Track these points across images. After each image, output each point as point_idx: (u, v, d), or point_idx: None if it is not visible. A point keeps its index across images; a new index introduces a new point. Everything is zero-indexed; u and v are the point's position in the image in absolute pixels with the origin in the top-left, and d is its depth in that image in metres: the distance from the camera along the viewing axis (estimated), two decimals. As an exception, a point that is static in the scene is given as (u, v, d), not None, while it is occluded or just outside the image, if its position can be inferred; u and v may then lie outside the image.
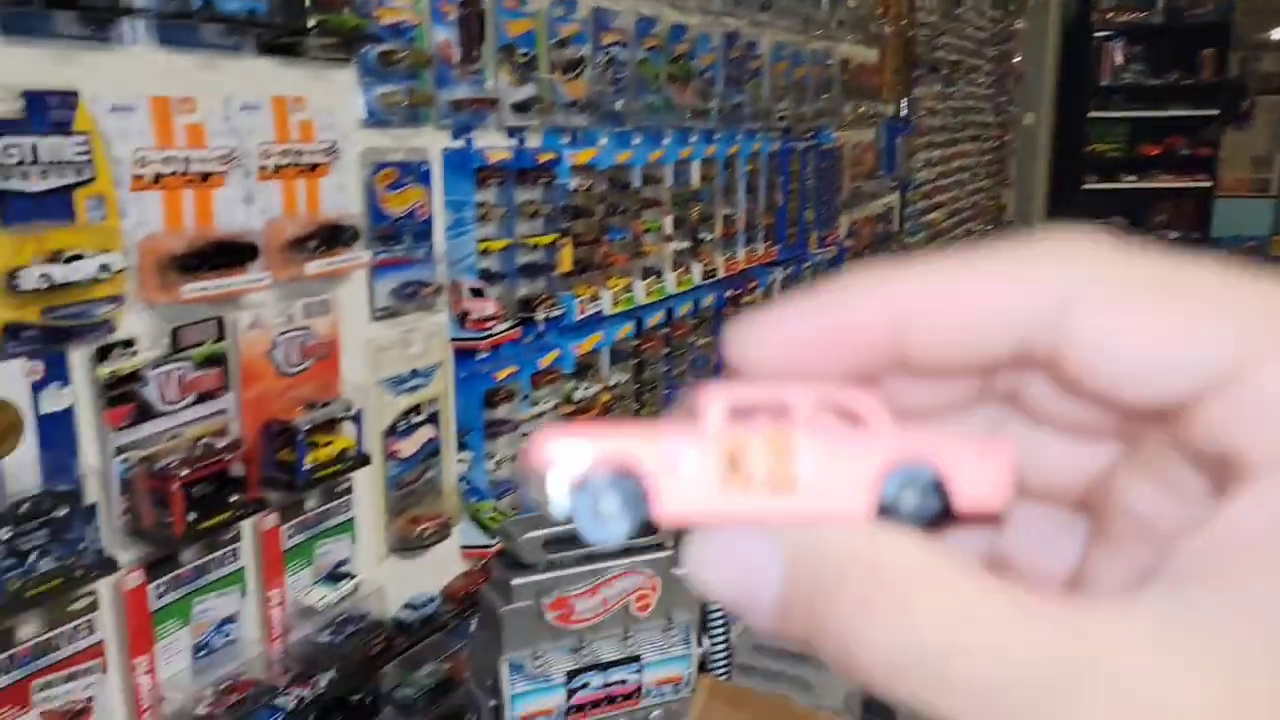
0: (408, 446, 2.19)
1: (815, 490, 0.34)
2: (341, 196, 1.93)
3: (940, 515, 0.35)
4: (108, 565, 1.49)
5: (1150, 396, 0.30)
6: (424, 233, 2.14)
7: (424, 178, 2.13)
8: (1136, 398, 0.30)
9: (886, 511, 0.34)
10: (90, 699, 1.53)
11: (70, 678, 1.50)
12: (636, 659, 1.78)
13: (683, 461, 0.34)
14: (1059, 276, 0.31)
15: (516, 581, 1.69)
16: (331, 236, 1.86)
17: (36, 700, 1.45)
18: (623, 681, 1.77)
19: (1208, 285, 0.29)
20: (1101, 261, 0.30)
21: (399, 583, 2.14)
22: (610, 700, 1.77)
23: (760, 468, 0.34)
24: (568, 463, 0.34)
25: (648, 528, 0.34)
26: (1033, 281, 0.31)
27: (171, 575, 1.65)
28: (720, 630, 2.15)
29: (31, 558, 1.34)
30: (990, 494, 0.35)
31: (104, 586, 1.54)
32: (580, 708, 1.75)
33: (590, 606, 1.73)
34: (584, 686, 1.75)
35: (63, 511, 1.41)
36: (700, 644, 1.83)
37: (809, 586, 0.31)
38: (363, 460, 1.96)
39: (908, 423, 0.37)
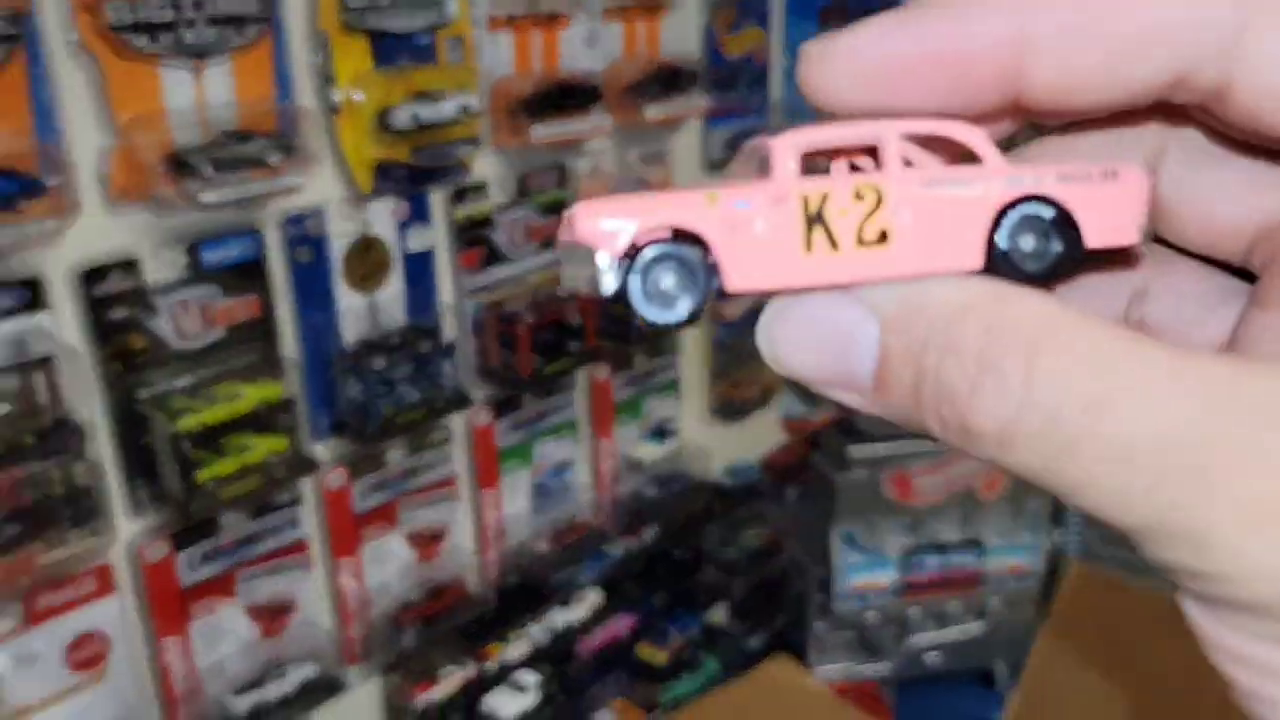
0: (734, 309, 2.14)
1: (915, 243, 0.29)
2: (680, 38, 1.86)
3: (1066, 256, 0.30)
4: (463, 401, 1.53)
5: None
6: (759, 80, 2.04)
7: (762, 19, 2.01)
8: None
9: (1002, 259, 0.29)
10: (445, 525, 1.61)
11: (430, 504, 1.58)
12: (978, 543, 1.67)
13: (753, 223, 0.29)
14: None
15: (854, 450, 1.61)
16: (670, 80, 1.79)
17: (402, 520, 1.54)
18: (962, 565, 1.67)
19: None
20: None
21: (721, 446, 2.12)
22: (947, 584, 1.68)
23: (847, 222, 0.29)
24: (616, 234, 0.29)
25: (717, 303, 0.29)
26: None
27: (515, 416, 1.70)
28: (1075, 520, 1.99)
29: (400, 388, 1.40)
30: (1123, 226, 0.30)
31: (458, 421, 1.60)
32: (914, 586, 1.67)
33: (932, 485, 1.63)
34: (920, 566, 1.66)
35: (426, 346, 1.45)
36: (1052, 535, 1.70)
37: (913, 349, 0.27)
38: (693, 317, 1.92)
39: (1019, 158, 0.32)
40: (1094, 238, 0.30)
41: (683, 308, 0.30)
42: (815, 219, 0.29)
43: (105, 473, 1.20)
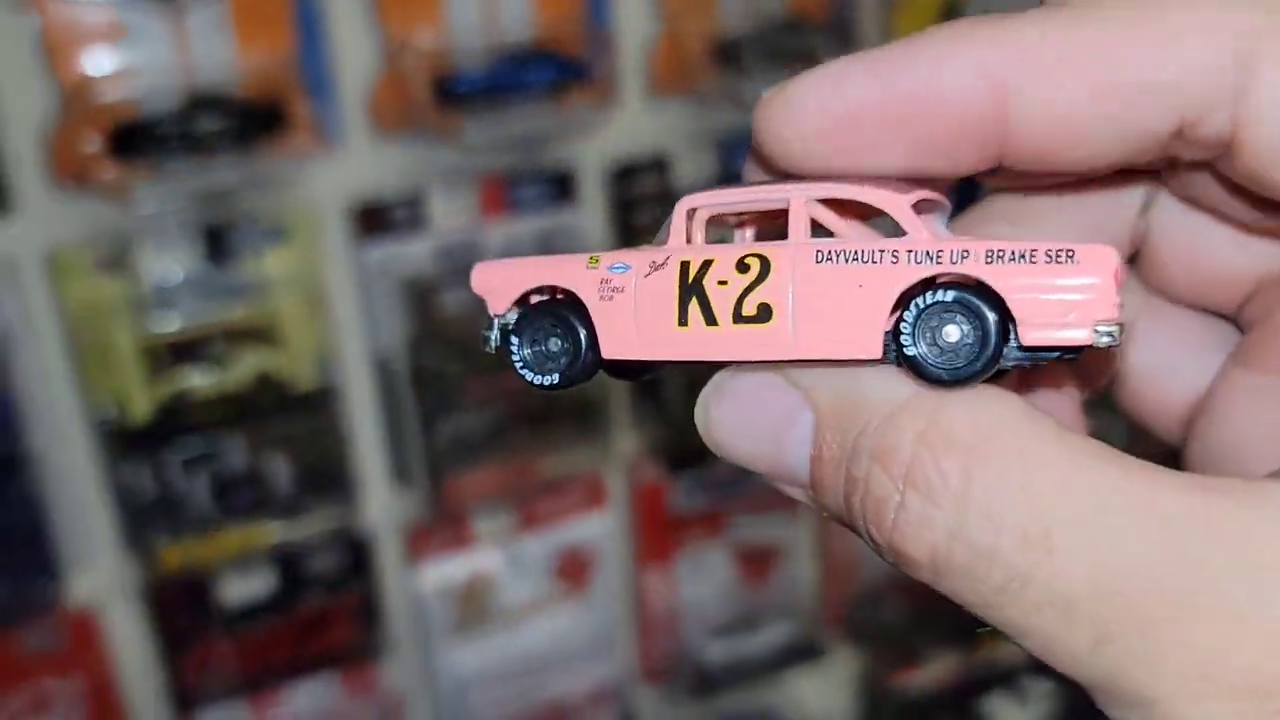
0: None
1: (802, 324, 0.26)
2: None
3: (989, 357, 0.25)
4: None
5: None
6: None
7: None
8: None
9: (905, 355, 0.25)
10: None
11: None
12: None
13: (628, 288, 0.28)
14: (1242, 21, 0.21)
15: None
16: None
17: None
18: None
19: None
20: None
21: None
22: None
23: (726, 295, 0.27)
24: (501, 291, 0.31)
25: (590, 370, 0.29)
26: (1204, 31, 0.22)
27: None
28: None
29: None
30: (1075, 320, 0.24)
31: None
32: None
33: None
34: None
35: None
36: None
37: (845, 452, 0.25)
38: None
39: (959, 228, 0.29)
40: (1032, 334, 0.25)
41: (556, 372, 0.30)
42: (692, 289, 0.28)
43: (611, 387, 1.14)
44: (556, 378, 0.31)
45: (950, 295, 0.26)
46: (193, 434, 0.96)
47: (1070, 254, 0.25)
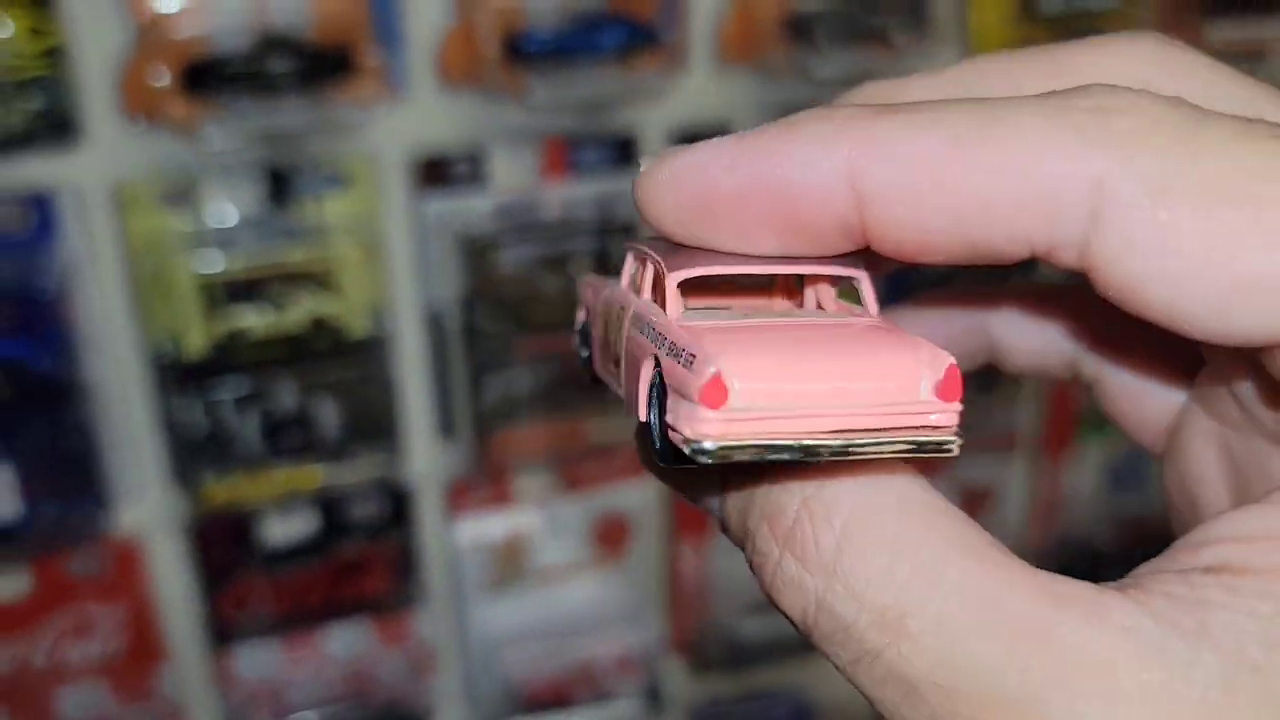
0: None
1: (625, 380, 0.29)
2: None
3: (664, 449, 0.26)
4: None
5: (1226, 334, 0.22)
6: None
7: None
8: (1204, 332, 0.23)
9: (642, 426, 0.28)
10: (993, 486, 1.39)
11: (982, 457, 1.37)
12: None
13: (595, 316, 0.33)
14: (1094, 155, 0.22)
15: None
16: None
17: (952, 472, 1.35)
18: None
19: None
20: (1160, 133, 0.22)
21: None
22: None
23: (611, 338, 0.30)
24: (584, 304, 0.35)
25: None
26: (1055, 161, 0.22)
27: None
28: None
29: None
30: (683, 428, 0.25)
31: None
32: None
33: None
34: None
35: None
36: None
37: (746, 498, 0.27)
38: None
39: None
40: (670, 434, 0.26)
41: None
42: (606, 327, 0.31)
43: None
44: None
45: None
46: (245, 373, 0.97)
47: (692, 359, 0.25)
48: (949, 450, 0.25)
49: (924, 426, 0.25)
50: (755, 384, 0.24)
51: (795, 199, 0.26)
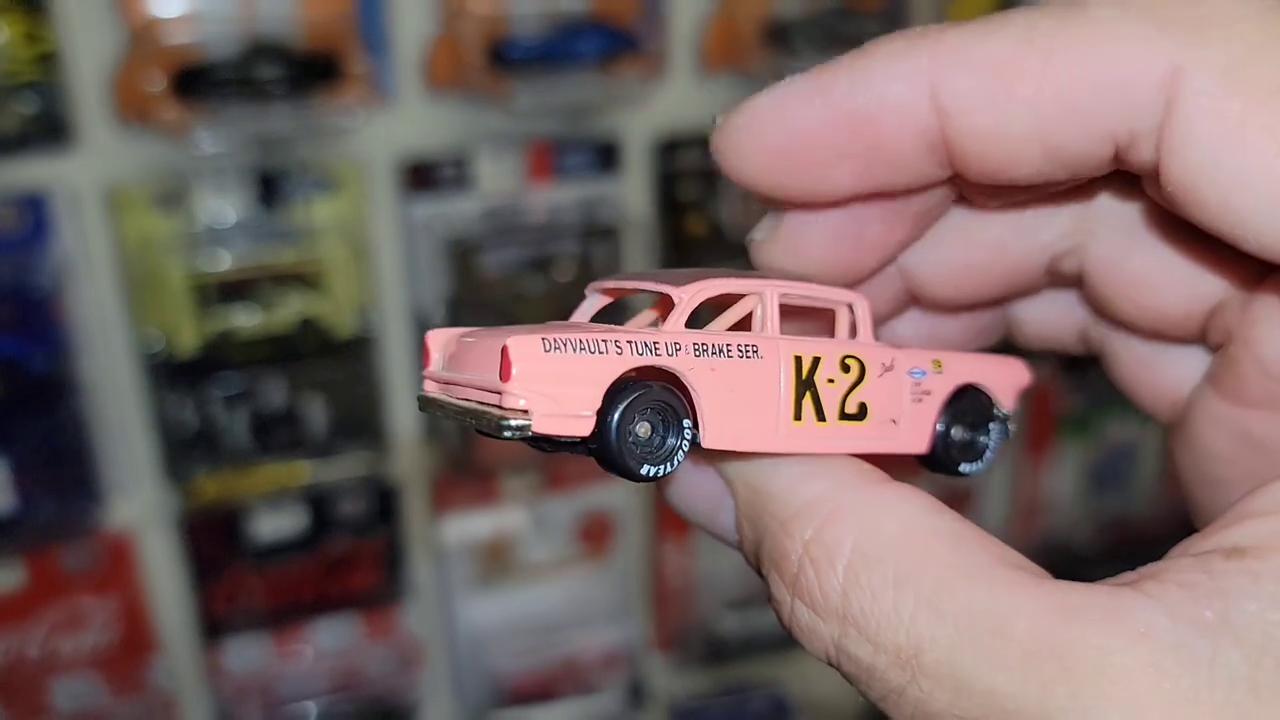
0: None
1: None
2: None
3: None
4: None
5: (1272, 246, 0.20)
6: None
7: None
8: (1257, 239, 0.20)
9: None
10: (969, 487, 1.41)
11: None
12: None
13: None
14: (1167, 42, 0.20)
15: None
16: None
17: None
18: None
19: None
20: (1237, 20, 0.19)
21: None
22: None
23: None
24: None
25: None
26: (1130, 49, 0.21)
27: (1081, 378, 1.43)
28: None
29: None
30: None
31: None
32: None
33: None
34: None
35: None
36: None
37: (752, 537, 0.28)
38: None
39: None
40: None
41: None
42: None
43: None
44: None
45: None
46: (235, 371, 0.99)
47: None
48: (508, 428, 0.26)
49: (498, 406, 0.27)
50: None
51: (876, 122, 0.25)
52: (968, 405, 0.30)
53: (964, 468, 0.30)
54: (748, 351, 0.29)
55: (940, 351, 0.30)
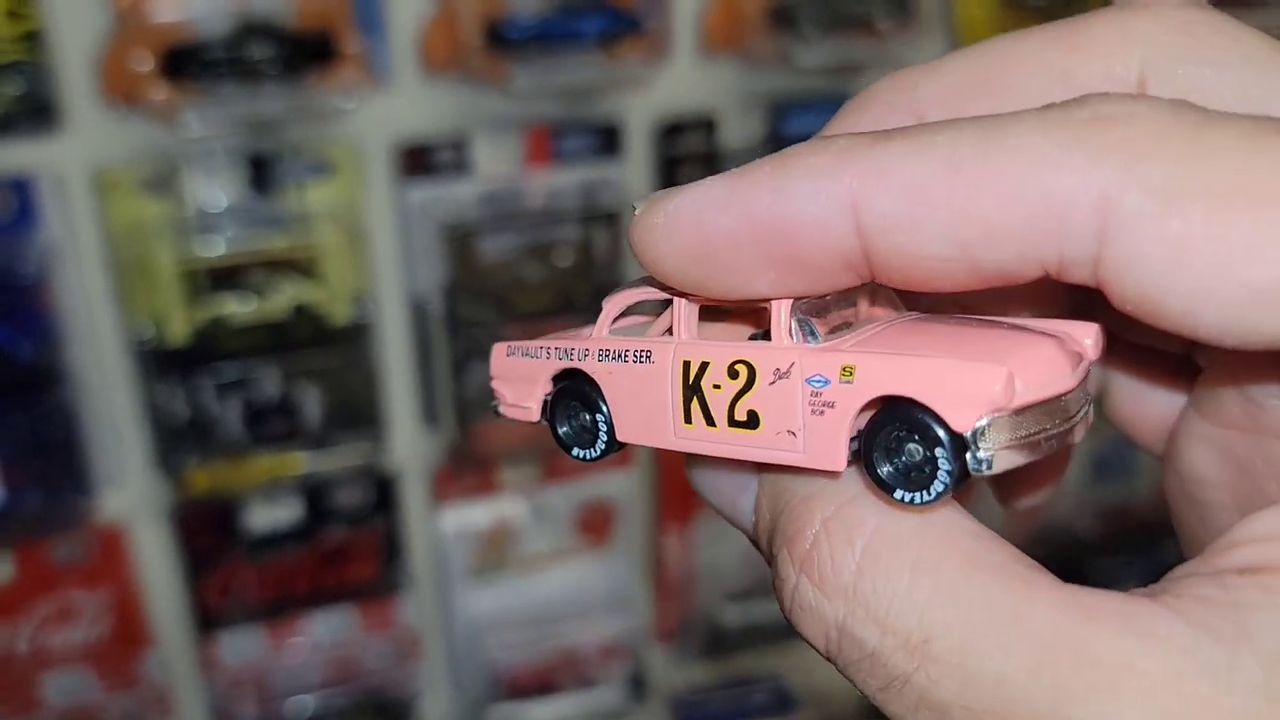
0: None
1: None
2: None
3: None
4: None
5: (1244, 337, 0.21)
6: None
7: None
8: (1223, 338, 0.22)
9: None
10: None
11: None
12: None
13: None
14: (1098, 168, 0.21)
15: None
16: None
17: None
18: None
19: None
20: (1165, 140, 0.20)
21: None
22: None
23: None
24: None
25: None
26: (1059, 176, 0.21)
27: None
28: None
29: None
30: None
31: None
32: None
33: None
34: None
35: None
36: None
37: (773, 519, 0.28)
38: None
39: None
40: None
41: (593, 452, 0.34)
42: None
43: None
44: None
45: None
46: (227, 360, 0.97)
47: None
48: (494, 409, 0.37)
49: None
50: None
51: (795, 235, 0.25)
52: (889, 421, 0.26)
53: (900, 495, 0.25)
54: (642, 357, 0.31)
55: (869, 354, 0.26)
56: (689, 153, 1.09)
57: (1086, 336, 0.28)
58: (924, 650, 0.23)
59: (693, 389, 0.29)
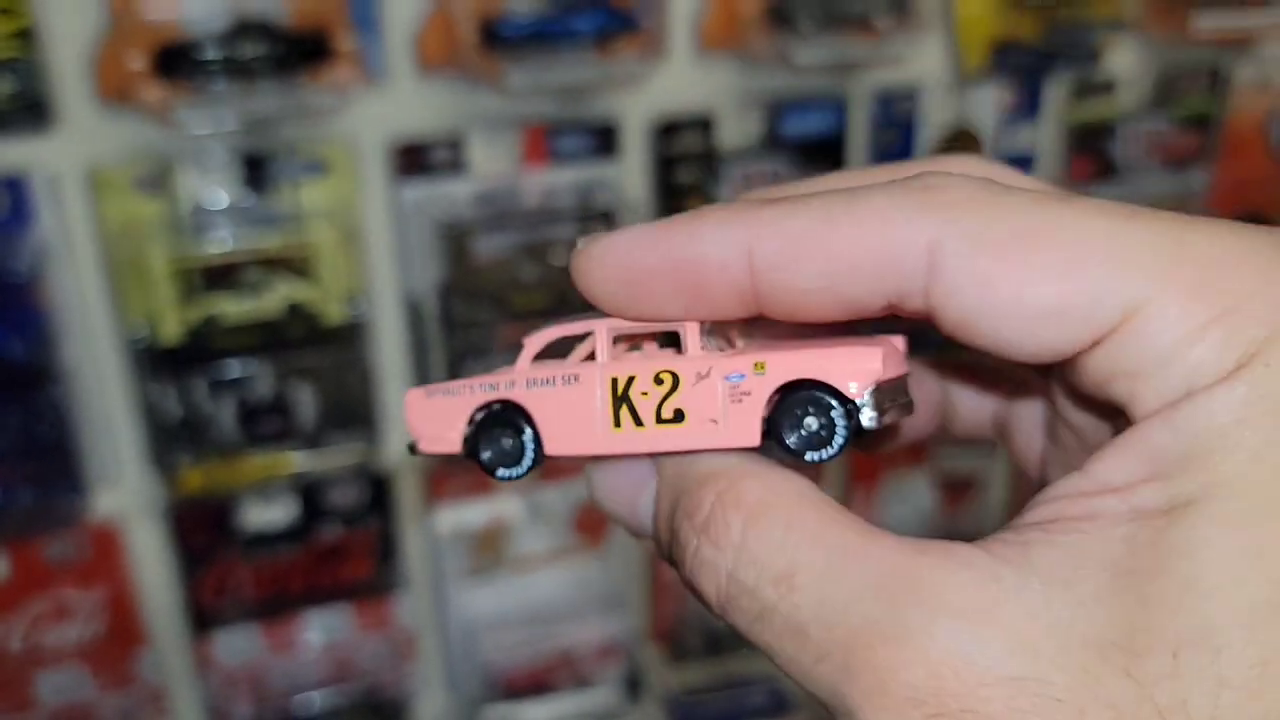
0: None
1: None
2: None
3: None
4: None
5: (1033, 351, 0.29)
6: None
7: None
8: (1019, 352, 0.29)
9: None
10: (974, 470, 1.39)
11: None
12: None
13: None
14: (926, 222, 0.29)
15: None
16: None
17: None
18: None
19: (1091, 225, 0.27)
20: (974, 203, 0.29)
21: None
22: None
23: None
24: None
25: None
26: (899, 228, 0.29)
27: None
28: None
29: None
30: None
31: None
32: None
33: None
34: None
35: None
36: None
37: (672, 504, 0.33)
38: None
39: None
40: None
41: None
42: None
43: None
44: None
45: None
46: (222, 358, 0.97)
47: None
48: (411, 447, 0.39)
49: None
50: None
51: (702, 271, 0.31)
52: (796, 399, 0.33)
53: (810, 456, 0.33)
54: (569, 380, 0.36)
55: (771, 352, 0.34)
56: (686, 152, 1.09)
57: (899, 343, 0.36)
58: (790, 583, 0.29)
59: (621, 399, 0.35)
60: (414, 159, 1.00)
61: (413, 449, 0.39)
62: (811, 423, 0.33)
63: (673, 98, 1.07)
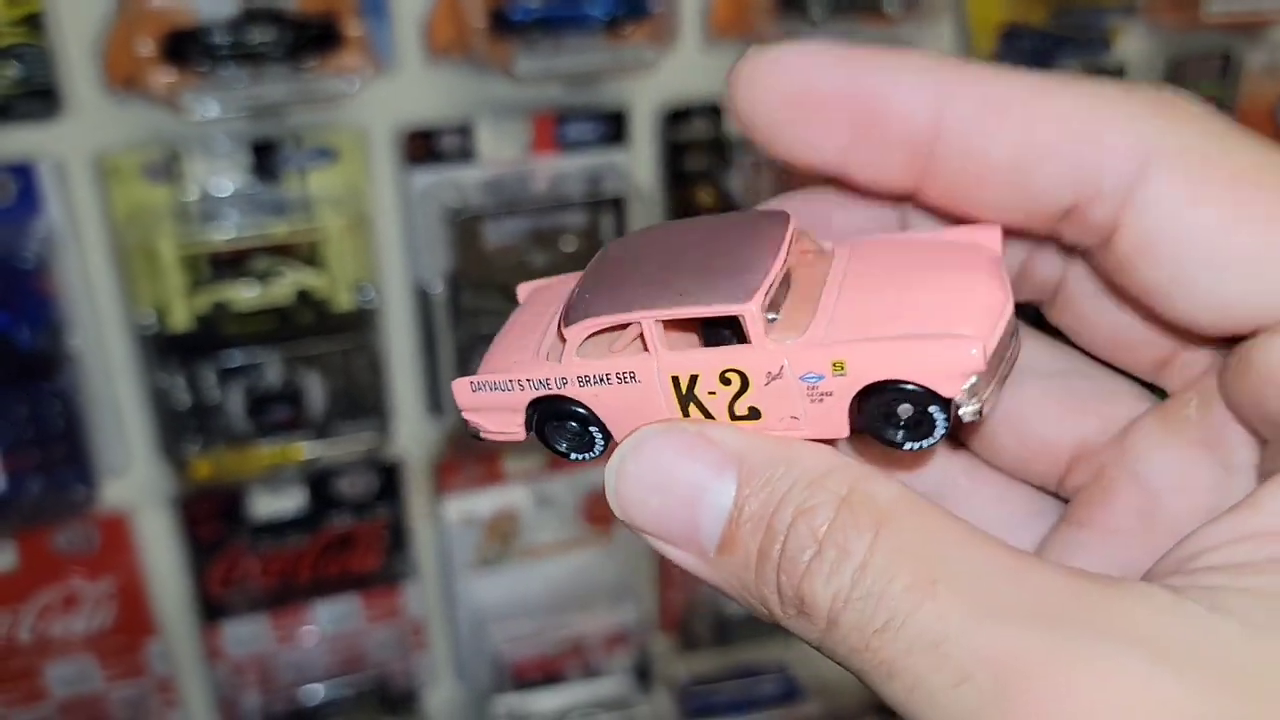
0: None
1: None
2: None
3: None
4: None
5: (1214, 303, 0.26)
6: None
7: None
8: (1194, 302, 0.26)
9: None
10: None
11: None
12: None
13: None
14: (1149, 126, 0.26)
15: None
16: None
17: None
18: None
19: None
20: (1205, 127, 0.26)
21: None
22: None
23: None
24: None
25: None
26: (1118, 122, 0.26)
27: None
28: None
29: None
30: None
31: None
32: None
33: None
34: None
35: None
36: None
37: (769, 507, 0.28)
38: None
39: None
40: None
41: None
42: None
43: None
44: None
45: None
46: (230, 346, 0.96)
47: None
48: (474, 435, 0.36)
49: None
50: None
51: (884, 110, 0.27)
52: (882, 402, 0.29)
53: (909, 446, 0.30)
54: (626, 378, 0.32)
55: (852, 344, 0.29)
56: (696, 139, 1.08)
57: (992, 238, 0.31)
58: (929, 589, 0.25)
59: (688, 398, 0.31)
60: (423, 146, 0.99)
61: (478, 437, 0.36)
62: (907, 409, 0.29)
63: (682, 84, 1.06)
